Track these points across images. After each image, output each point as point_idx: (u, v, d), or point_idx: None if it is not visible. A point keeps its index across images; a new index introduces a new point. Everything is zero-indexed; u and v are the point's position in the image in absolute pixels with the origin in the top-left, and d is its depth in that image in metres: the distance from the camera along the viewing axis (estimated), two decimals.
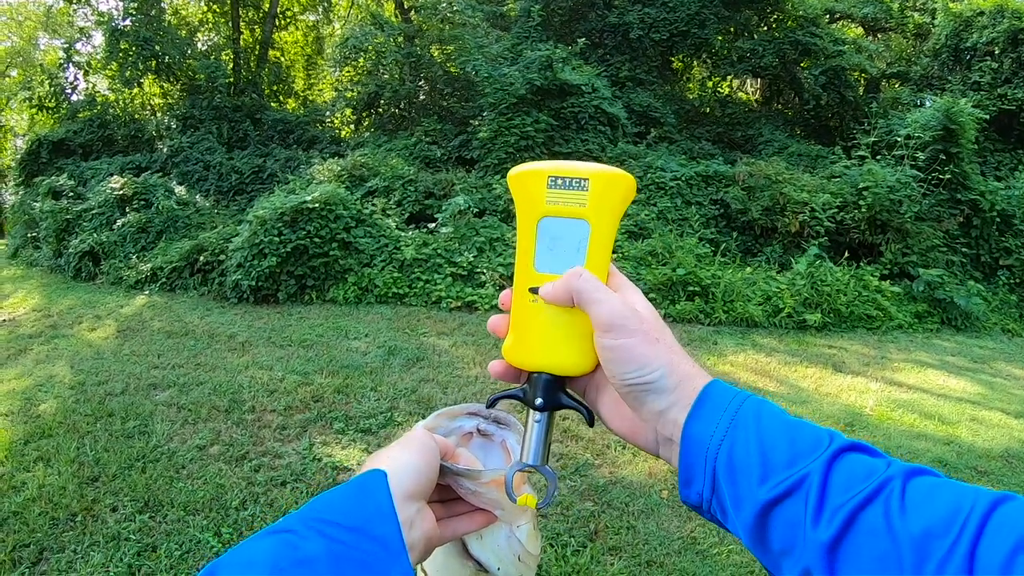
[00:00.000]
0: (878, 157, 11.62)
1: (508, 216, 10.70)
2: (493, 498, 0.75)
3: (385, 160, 12.38)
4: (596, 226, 0.71)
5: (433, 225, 10.43)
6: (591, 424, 0.76)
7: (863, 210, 10.42)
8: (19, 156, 17.53)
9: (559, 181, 0.71)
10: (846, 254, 10.13)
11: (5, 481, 4.31)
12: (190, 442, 4.89)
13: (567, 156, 12.26)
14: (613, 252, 0.74)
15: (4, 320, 8.24)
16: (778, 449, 0.58)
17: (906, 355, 7.87)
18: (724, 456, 0.61)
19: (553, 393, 0.74)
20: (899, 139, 11.41)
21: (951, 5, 15.78)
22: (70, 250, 11.11)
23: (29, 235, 13.10)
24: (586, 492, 4.46)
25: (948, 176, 10.75)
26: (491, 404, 0.80)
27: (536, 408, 0.74)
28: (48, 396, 5.68)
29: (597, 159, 12.41)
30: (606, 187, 0.71)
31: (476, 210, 10.61)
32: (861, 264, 10.06)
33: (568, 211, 0.71)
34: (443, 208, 10.51)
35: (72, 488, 4.21)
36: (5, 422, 5.17)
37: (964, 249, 10.98)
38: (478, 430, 0.87)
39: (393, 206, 11.05)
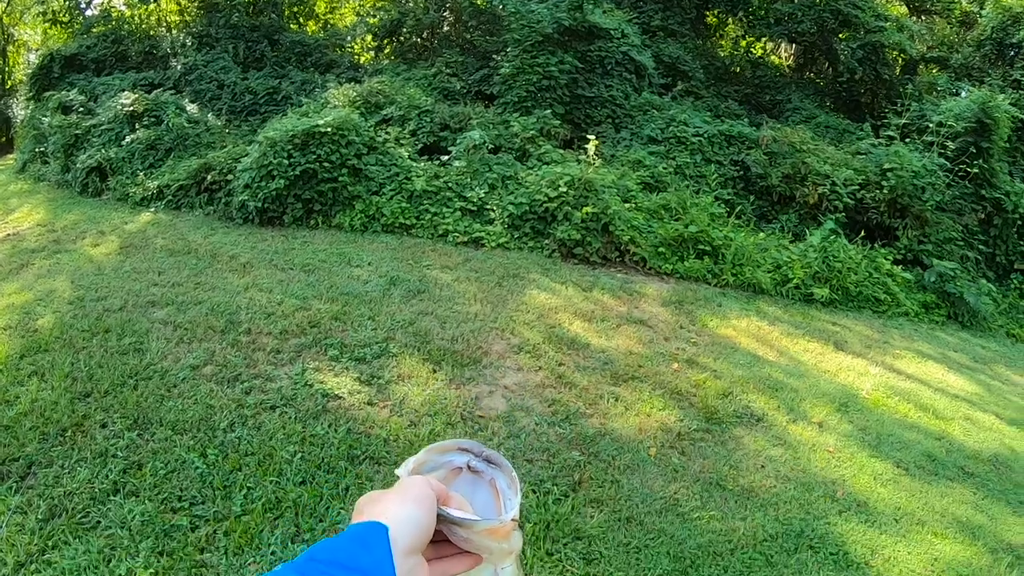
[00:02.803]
0: (907, 140, 11.22)
1: (524, 155, 10.47)
2: (483, 544, 0.77)
3: (403, 89, 12.07)
4: None
5: (446, 158, 10.18)
6: None
7: (885, 191, 10.13)
8: (31, 71, 17.24)
9: None
10: (862, 233, 9.82)
11: None
12: (184, 361, 4.86)
13: (589, 100, 12.10)
14: None
15: (8, 235, 8.17)
16: None
17: (908, 343, 7.70)
18: None
19: None
20: (930, 125, 11.03)
21: None
22: (78, 165, 10.94)
23: (38, 150, 12.85)
24: (574, 441, 4.44)
25: (975, 170, 10.44)
26: None
27: None
28: (47, 311, 5.64)
29: (620, 106, 12.24)
30: None
31: (491, 146, 10.31)
32: (875, 246, 9.78)
33: None
34: (458, 141, 10.25)
35: (64, 403, 4.20)
36: (2, 336, 5.14)
37: (981, 246, 10.64)
38: (468, 466, 0.88)
39: (407, 136, 10.81)
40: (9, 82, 23.46)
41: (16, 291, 6.14)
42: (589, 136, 10.06)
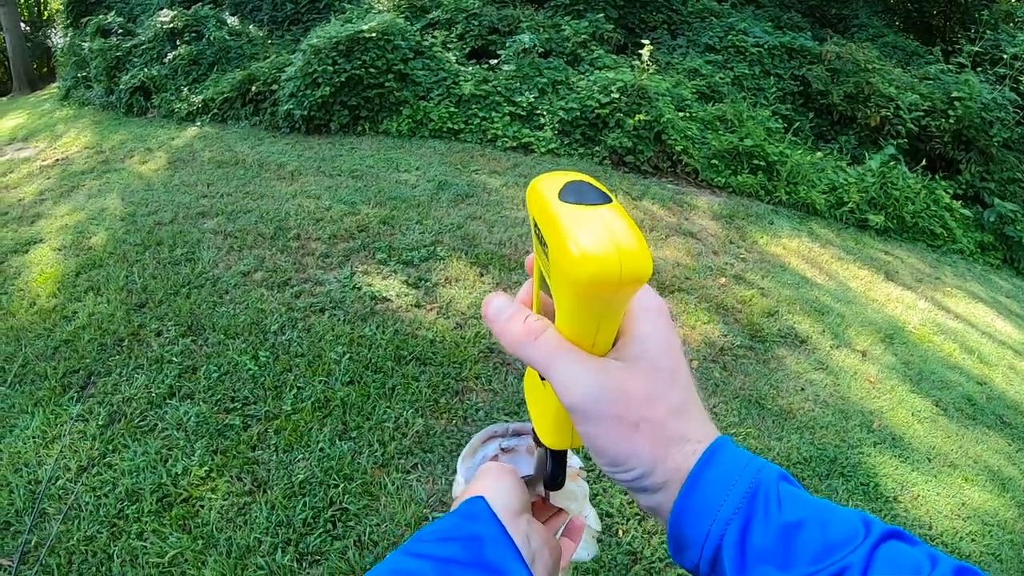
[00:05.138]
0: (978, 70, 10.50)
1: (575, 60, 10.10)
2: (568, 492, 0.77)
3: None
4: None
5: (495, 62, 9.84)
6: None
7: (951, 121, 9.48)
8: None
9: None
10: (923, 162, 9.27)
11: (58, 312, 4.36)
12: (234, 268, 4.87)
13: (644, 5, 11.54)
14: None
15: (57, 159, 8.18)
16: (806, 536, 0.48)
17: (960, 282, 7.35)
18: (734, 536, 0.49)
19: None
20: (1005, 56, 10.31)
21: None
22: (121, 86, 10.87)
23: (80, 75, 12.77)
24: None
25: None
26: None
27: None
28: (99, 228, 5.67)
29: (676, 11, 11.71)
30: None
31: (541, 50, 9.95)
32: (936, 177, 9.21)
33: None
34: (507, 45, 9.90)
35: (120, 315, 4.24)
36: (58, 256, 5.19)
37: None
38: (501, 449, 0.86)
39: (454, 39, 10.49)
40: (46, 12, 23.44)
41: (68, 212, 6.16)
42: (644, 41, 9.57)
